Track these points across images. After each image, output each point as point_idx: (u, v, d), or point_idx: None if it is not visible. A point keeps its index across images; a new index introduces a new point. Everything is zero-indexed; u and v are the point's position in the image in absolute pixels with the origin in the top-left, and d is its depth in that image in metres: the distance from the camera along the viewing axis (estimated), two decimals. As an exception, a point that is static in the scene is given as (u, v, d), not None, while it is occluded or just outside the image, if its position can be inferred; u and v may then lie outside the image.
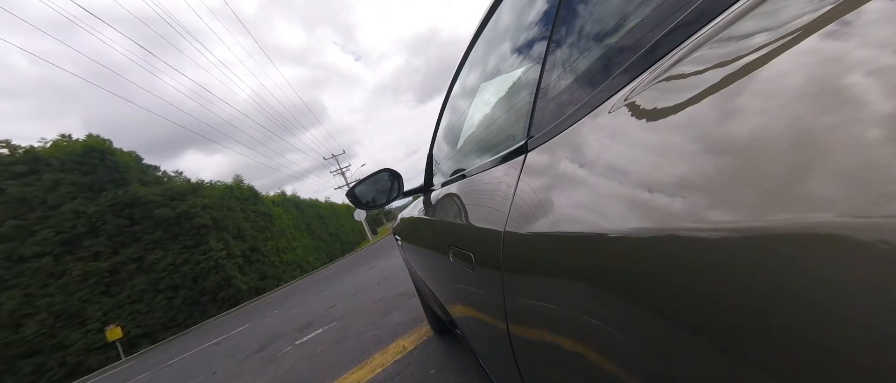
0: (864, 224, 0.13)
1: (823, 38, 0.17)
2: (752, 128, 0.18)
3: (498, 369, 0.68)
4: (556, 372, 0.38)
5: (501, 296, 0.50)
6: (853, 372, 0.13)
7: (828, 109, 0.15)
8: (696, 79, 0.24)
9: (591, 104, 0.38)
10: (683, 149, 0.23)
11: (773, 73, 0.18)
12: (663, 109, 0.26)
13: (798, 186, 0.15)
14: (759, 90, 0.19)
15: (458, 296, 0.84)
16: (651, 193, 0.24)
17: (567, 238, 0.34)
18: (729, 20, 0.24)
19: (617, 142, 0.31)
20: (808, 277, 0.14)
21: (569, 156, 0.39)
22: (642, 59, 0.32)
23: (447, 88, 1.25)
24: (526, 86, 0.60)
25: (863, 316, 0.12)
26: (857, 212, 0.13)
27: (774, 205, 0.16)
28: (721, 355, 0.18)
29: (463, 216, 0.77)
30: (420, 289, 1.98)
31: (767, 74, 0.19)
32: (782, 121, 0.17)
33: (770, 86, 0.18)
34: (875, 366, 0.12)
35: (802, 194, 0.15)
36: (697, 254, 0.20)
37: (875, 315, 0.12)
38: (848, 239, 0.13)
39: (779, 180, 0.16)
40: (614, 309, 0.26)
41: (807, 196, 0.15)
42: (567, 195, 0.36)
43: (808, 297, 0.14)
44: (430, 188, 1.45)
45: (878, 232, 0.12)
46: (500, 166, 0.62)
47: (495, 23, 0.82)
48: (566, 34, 0.49)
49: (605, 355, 0.28)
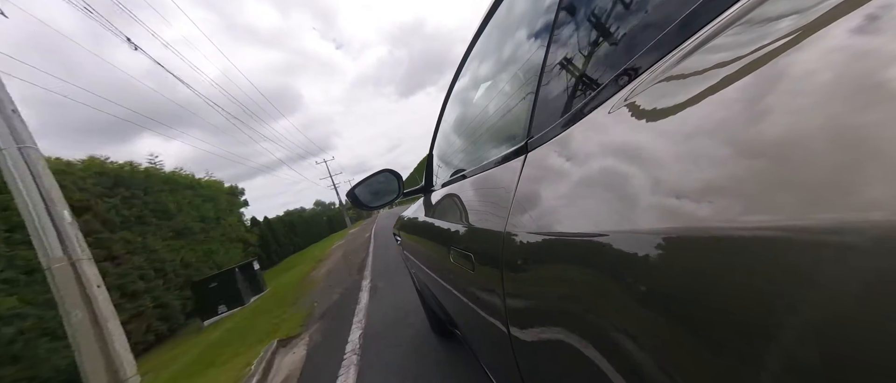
0: (864, 223, 0.13)
1: (821, 38, 0.17)
2: (752, 127, 0.18)
3: (498, 369, 0.68)
4: (557, 373, 0.38)
5: (502, 297, 0.50)
6: (854, 371, 0.13)
7: (828, 109, 0.15)
8: (695, 79, 0.24)
9: (591, 104, 0.38)
10: (683, 149, 0.23)
11: (773, 73, 0.18)
12: (663, 109, 0.26)
13: (798, 186, 0.15)
14: (758, 90, 0.19)
15: (458, 297, 0.84)
16: (651, 193, 0.24)
17: (567, 238, 0.34)
18: (728, 21, 0.24)
19: (617, 141, 0.31)
20: (809, 277, 0.14)
21: (569, 156, 0.39)
22: (642, 60, 0.32)
23: (448, 88, 1.25)
24: (526, 86, 0.61)
25: (854, 312, 0.12)
26: (857, 212, 0.13)
27: (775, 205, 0.16)
28: (721, 355, 0.18)
29: (463, 216, 0.77)
30: (420, 290, 1.98)
31: (767, 74, 0.19)
32: (782, 121, 0.17)
33: (769, 86, 0.18)
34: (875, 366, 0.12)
35: (803, 194, 0.15)
36: (697, 253, 0.20)
37: (869, 312, 0.12)
38: (847, 238, 0.13)
39: (779, 180, 0.16)
40: (615, 310, 0.26)
41: (807, 195, 0.15)
42: (567, 195, 0.36)
43: (808, 297, 0.14)
44: (431, 188, 1.45)
45: (877, 231, 0.12)
46: (501, 166, 0.63)
47: (496, 23, 0.82)
48: (566, 35, 0.49)
49: (605, 355, 0.28)
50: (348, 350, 2.43)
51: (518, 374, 0.53)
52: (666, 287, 0.21)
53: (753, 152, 0.18)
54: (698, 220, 0.20)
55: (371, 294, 3.75)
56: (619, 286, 0.26)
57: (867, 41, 0.15)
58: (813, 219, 0.14)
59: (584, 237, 0.31)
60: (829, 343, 0.13)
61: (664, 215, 0.22)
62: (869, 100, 0.14)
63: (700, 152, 0.22)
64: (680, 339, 0.21)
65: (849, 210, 0.13)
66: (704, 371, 0.19)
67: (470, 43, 0.99)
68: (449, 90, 1.25)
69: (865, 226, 0.12)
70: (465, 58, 1.05)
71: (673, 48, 0.29)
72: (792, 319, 0.14)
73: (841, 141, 0.14)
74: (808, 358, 0.14)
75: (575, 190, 0.35)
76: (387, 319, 2.79)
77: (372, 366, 2.08)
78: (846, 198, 0.13)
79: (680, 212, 0.21)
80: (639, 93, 0.30)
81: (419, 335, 2.26)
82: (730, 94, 0.21)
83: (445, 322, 1.49)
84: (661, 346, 0.22)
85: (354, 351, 2.37)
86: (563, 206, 0.36)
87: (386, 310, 3.01)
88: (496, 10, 0.81)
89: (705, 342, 0.19)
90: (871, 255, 0.12)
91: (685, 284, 0.20)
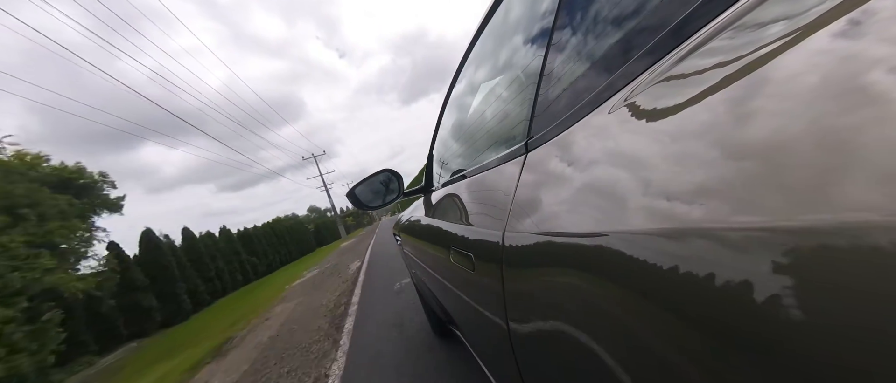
0: (863, 223, 0.13)
1: (821, 38, 0.17)
2: (752, 127, 0.19)
3: (498, 369, 0.68)
4: (556, 372, 0.39)
5: (502, 297, 0.50)
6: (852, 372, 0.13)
7: (828, 109, 0.15)
8: (695, 79, 0.24)
9: (591, 104, 0.38)
10: (683, 149, 0.23)
11: (773, 73, 0.19)
12: (663, 109, 0.27)
13: (798, 186, 0.15)
14: (758, 90, 0.19)
15: (458, 297, 0.84)
16: (651, 193, 0.25)
17: (567, 238, 0.34)
18: (727, 22, 0.24)
19: (617, 142, 0.31)
20: (809, 277, 0.14)
21: (569, 156, 0.39)
22: (642, 59, 0.32)
23: (447, 89, 1.25)
24: (526, 86, 0.61)
25: (854, 316, 0.12)
26: (856, 211, 0.13)
27: (776, 205, 0.16)
28: (722, 355, 0.18)
29: (463, 217, 0.77)
30: (420, 290, 1.98)
31: (767, 74, 0.19)
32: (782, 121, 0.17)
33: (769, 85, 0.19)
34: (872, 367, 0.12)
35: (803, 194, 0.15)
36: (697, 253, 0.20)
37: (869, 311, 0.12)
38: (847, 238, 0.13)
39: (779, 179, 0.16)
40: (615, 309, 0.26)
41: (808, 195, 0.15)
42: (567, 195, 0.36)
43: (808, 297, 0.14)
44: (431, 188, 1.44)
45: (874, 229, 0.12)
46: (501, 166, 0.63)
47: (496, 23, 0.82)
48: (566, 34, 0.49)
49: (605, 355, 0.28)
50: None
51: (517, 373, 0.53)
52: (665, 287, 0.21)
53: (753, 153, 0.18)
54: (697, 221, 0.20)
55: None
56: (619, 286, 0.26)
57: (869, 44, 0.15)
58: (826, 217, 0.14)
59: (583, 237, 0.31)
60: (829, 343, 0.13)
61: (664, 215, 0.23)
62: (875, 97, 0.14)
63: (699, 153, 0.22)
64: (679, 339, 0.21)
65: (866, 210, 0.13)
66: (705, 370, 0.19)
67: (470, 43, 0.99)
68: (449, 90, 1.25)
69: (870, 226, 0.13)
70: (465, 58, 1.05)
71: (672, 49, 0.29)
72: (806, 321, 0.14)
73: (850, 140, 0.14)
74: (809, 358, 0.14)
75: (575, 190, 0.35)
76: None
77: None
78: (859, 196, 0.13)
79: (679, 213, 0.21)
80: (638, 94, 0.30)
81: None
82: (729, 94, 0.21)
83: (445, 321, 1.49)
84: (661, 346, 0.22)
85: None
86: (562, 206, 0.37)
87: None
88: (496, 10, 0.81)
89: (705, 342, 0.19)
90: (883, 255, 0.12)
91: (685, 284, 0.20)
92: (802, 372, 0.14)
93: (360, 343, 2.67)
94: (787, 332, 0.15)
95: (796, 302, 0.14)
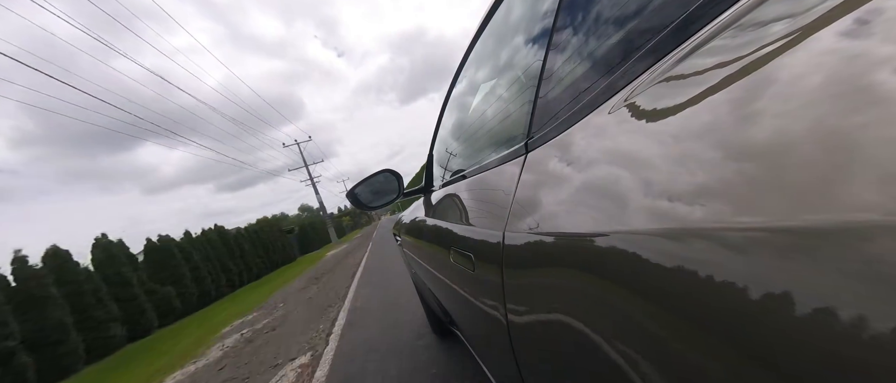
0: (865, 224, 0.13)
1: (821, 38, 0.17)
2: (752, 127, 0.19)
3: (498, 369, 0.68)
4: (556, 371, 0.39)
5: (502, 297, 0.50)
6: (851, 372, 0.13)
7: (828, 109, 0.15)
8: (695, 79, 0.24)
9: (591, 104, 0.38)
10: (683, 150, 0.23)
11: (773, 73, 0.19)
12: (663, 110, 0.27)
13: (799, 187, 0.15)
14: (758, 90, 0.19)
15: (458, 297, 0.84)
16: (651, 193, 0.25)
17: (567, 238, 0.34)
18: (727, 21, 0.24)
19: (617, 142, 0.31)
20: (809, 277, 0.14)
21: (569, 156, 0.39)
22: (642, 59, 0.32)
23: (447, 89, 1.25)
24: (526, 86, 0.61)
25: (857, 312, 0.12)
26: (857, 211, 0.13)
27: (776, 206, 0.16)
28: (721, 355, 0.18)
29: (463, 217, 0.77)
30: (420, 290, 1.98)
31: (767, 74, 0.19)
32: (782, 121, 0.17)
33: (770, 86, 0.19)
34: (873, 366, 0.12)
35: (803, 194, 0.15)
36: (698, 253, 0.20)
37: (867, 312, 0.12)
38: (848, 239, 0.13)
39: (780, 180, 0.16)
40: (615, 310, 0.26)
41: (808, 196, 0.15)
42: (567, 195, 0.36)
43: (808, 298, 0.14)
44: (431, 188, 1.44)
45: (876, 230, 0.12)
46: (501, 166, 0.63)
47: (496, 23, 0.82)
48: (566, 35, 0.49)
49: (605, 355, 0.28)
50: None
51: (517, 373, 0.53)
52: (665, 287, 0.21)
53: (753, 153, 0.18)
54: (697, 221, 0.20)
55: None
56: (619, 286, 0.26)
57: (869, 44, 0.15)
58: (816, 220, 0.14)
59: (583, 237, 0.31)
60: (830, 343, 0.13)
61: (664, 216, 0.23)
62: (873, 97, 0.14)
63: (699, 153, 0.22)
64: (679, 340, 0.21)
65: (867, 211, 0.13)
66: (704, 370, 0.19)
67: (470, 43, 0.99)
68: (449, 90, 1.24)
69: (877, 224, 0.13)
70: (465, 58, 1.04)
71: (672, 49, 0.29)
72: (807, 322, 0.14)
73: (850, 140, 0.14)
74: (809, 358, 0.14)
75: (575, 190, 0.35)
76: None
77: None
78: (868, 197, 0.13)
79: (680, 213, 0.21)
80: (638, 94, 0.30)
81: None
82: (729, 95, 0.21)
83: (445, 321, 1.48)
84: (661, 347, 0.22)
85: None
86: (563, 207, 0.37)
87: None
88: (496, 10, 0.80)
89: (705, 343, 0.19)
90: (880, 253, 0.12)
91: (685, 285, 0.20)
92: (803, 373, 0.14)
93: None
94: (787, 333, 0.15)
95: (796, 303, 0.14)
